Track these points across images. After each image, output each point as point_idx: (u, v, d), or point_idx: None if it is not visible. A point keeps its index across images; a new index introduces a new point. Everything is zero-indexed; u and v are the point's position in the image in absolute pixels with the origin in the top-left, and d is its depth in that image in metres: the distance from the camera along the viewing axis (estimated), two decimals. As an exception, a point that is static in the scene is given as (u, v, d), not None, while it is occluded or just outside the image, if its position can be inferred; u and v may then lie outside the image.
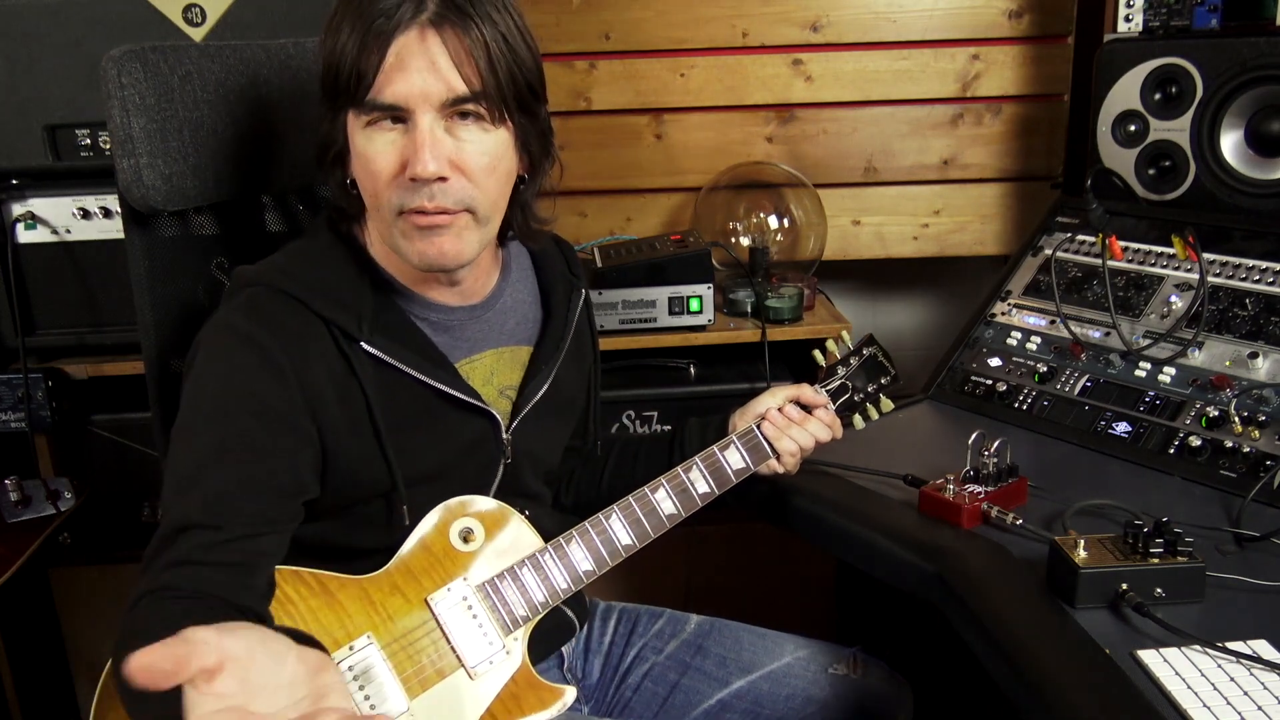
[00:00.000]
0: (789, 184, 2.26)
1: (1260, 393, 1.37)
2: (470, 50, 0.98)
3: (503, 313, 1.19)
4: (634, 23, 2.19)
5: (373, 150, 1.00)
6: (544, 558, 1.14)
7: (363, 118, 1.00)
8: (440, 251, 1.02)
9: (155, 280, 1.19)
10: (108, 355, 1.86)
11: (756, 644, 1.36)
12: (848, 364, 1.33)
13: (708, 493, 1.22)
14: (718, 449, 1.24)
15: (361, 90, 0.98)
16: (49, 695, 1.97)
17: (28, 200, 1.78)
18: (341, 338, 1.04)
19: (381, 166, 1.00)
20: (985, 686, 1.08)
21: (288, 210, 1.35)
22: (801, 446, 1.27)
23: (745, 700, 1.32)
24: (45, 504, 1.78)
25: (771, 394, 1.30)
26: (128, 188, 1.13)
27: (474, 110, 1.00)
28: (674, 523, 1.20)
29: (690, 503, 1.21)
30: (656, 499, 1.19)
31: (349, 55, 0.98)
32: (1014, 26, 2.21)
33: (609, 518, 1.17)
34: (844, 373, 1.32)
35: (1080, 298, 1.63)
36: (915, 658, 1.50)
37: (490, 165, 1.03)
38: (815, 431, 1.27)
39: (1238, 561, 1.13)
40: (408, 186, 0.99)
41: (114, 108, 1.10)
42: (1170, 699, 0.91)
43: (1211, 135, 1.67)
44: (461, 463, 1.13)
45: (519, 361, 1.20)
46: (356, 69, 0.97)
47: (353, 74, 0.98)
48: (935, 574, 1.16)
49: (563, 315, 1.23)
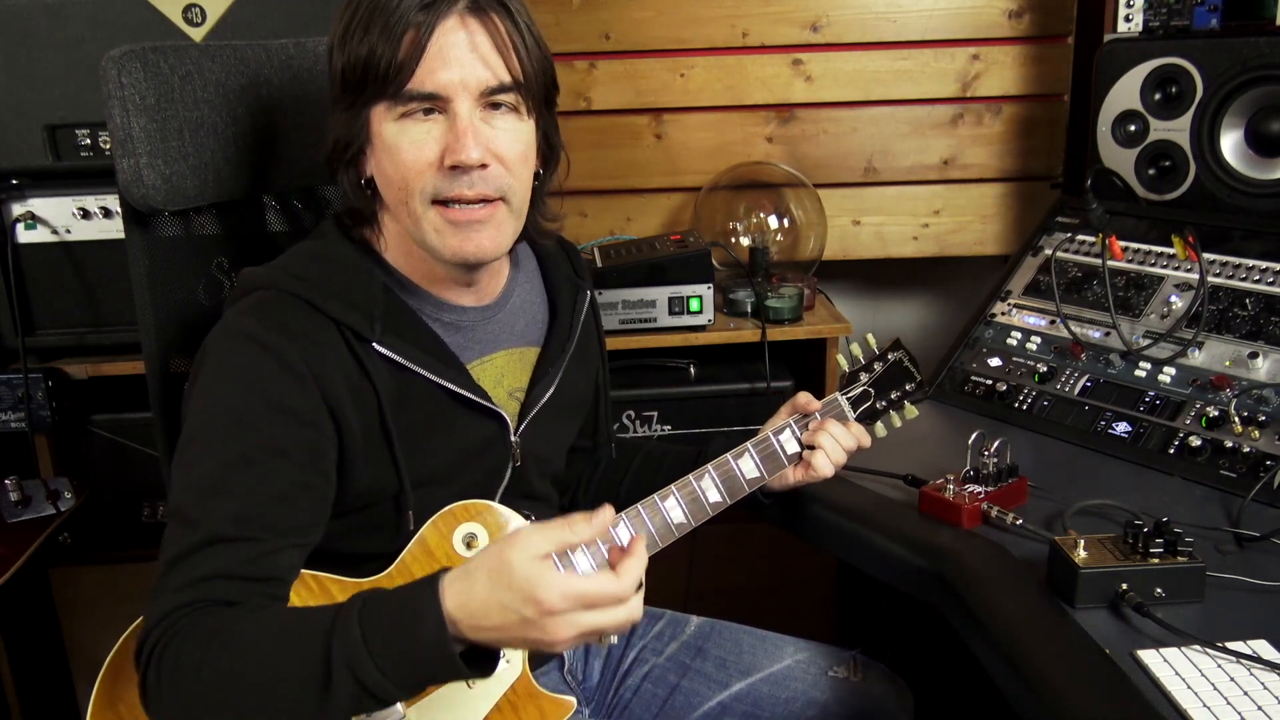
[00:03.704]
0: (789, 184, 2.26)
1: (1260, 393, 1.37)
2: (510, 39, 1.00)
3: (513, 313, 1.19)
4: (634, 23, 2.19)
5: (406, 141, 1.00)
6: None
7: (396, 109, 1.00)
8: (478, 247, 1.03)
9: (156, 280, 1.18)
10: (108, 355, 1.86)
11: (756, 646, 1.35)
12: (871, 369, 1.28)
13: (718, 502, 1.17)
14: (731, 456, 1.19)
15: (399, 81, 0.98)
16: (49, 695, 1.97)
17: (28, 200, 1.78)
18: (354, 339, 1.02)
19: (416, 157, 1.00)
20: (986, 688, 1.08)
21: (289, 210, 1.35)
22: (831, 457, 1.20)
23: (745, 703, 1.31)
24: (45, 504, 1.78)
25: (790, 403, 1.26)
26: (128, 188, 1.12)
27: (508, 100, 1.02)
28: (683, 532, 1.15)
29: (701, 512, 1.16)
30: (665, 506, 1.14)
31: (383, 47, 0.97)
32: (1014, 26, 2.21)
33: (615, 526, 1.11)
34: (866, 379, 1.28)
35: (1080, 298, 1.63)
36: (916, 660, 1.50)
37: (523, 154, 1.04)
38: (841, 441, 1.21)
39: (1238, 561, 1.13)
40: (446, 175, 1.00)
41: (114, 108, 1.10)
42: (1170, 699, 0.91)
43: (1211, 135, 1.67)
44: (470, 466, 1.12)
45: (527, 363, 1.20)
46: (395, 60, 0.97)
47: (390, 65, 0.97)
48: (935, 574, 1.16)
49: (568, 316, 1.23)
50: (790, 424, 1.22)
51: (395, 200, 1.04)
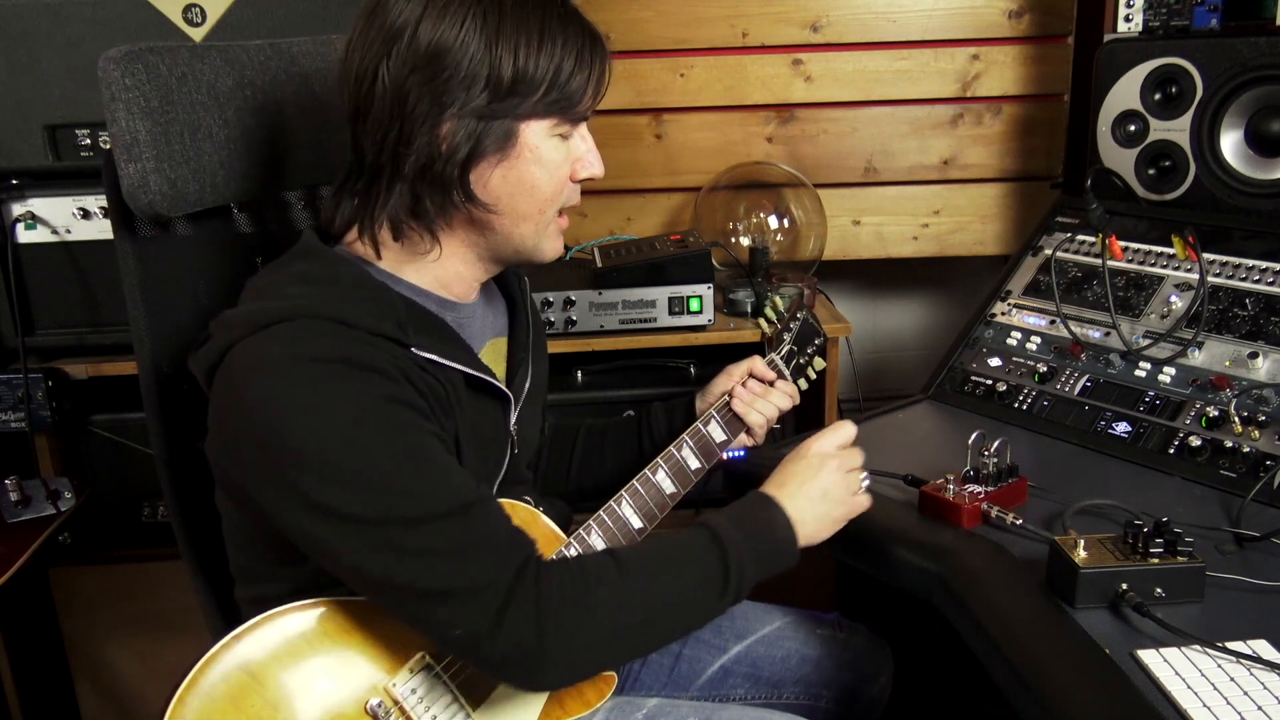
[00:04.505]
0: (789, 184, 2.26)
1: (1260, 393, 1.37)
2: None
3: (487, 306, 1.20)
4: (634, 23, 2.19)
5: (560, 157, 1.06)
6: (569, 552, 1.15)
7: (562, 127, 1.05)
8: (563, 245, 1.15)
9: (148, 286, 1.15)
10: (108, 355, 1.86)
11: (747, 612, 1.43)
12: (789, 329, 1.42)
13: (699, 468, 1.28)
14: (701, 424, 1.29)
15: (583, 105, 1.05)
16: (49, 695, 1.97)
17: (28, 200, 1.78)
18: (395, 349, 0.98)
19: (567, 172, 1.08)
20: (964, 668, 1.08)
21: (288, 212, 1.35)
22: (768, 417, 1.34)
23: (744, 664, 1.38)
24: (45, 504, 1.78)
25: (727, 374, 1.37)
26: (132, 194, 1.08)
27: None
28: (674, 502, 1.25)
29: (686, 480, 1.26)
30: (658, 480, 1.23)
31: (571, 68, 1.02)
32: (1014, 26, 2.21)
33: (620, 504, 1.19)
34: (789, 338, 1.42)
35: (1080, 298, 1.63)
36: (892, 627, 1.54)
37: None
38: (778, 402, 1.35)
39: (1238, 561, 1.13)
40: (573, 188, 1.10)
41: (118, 110, 1.06)
42: (1170, 699, 0.91)
43: (1211, 135, 1.67)
44: (483, 455, 1.13)
45: (501, 353, 1.22)
46: (585, 86, 1.04)
47: (579, 90, 1.03)
48: (935, 574, 1.16)
49: (524, 303, 1.26)
50: (714, 414, 1.32)
51: (530, 209, 1.06)
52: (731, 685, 1.38)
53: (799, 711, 1.28)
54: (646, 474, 1.22)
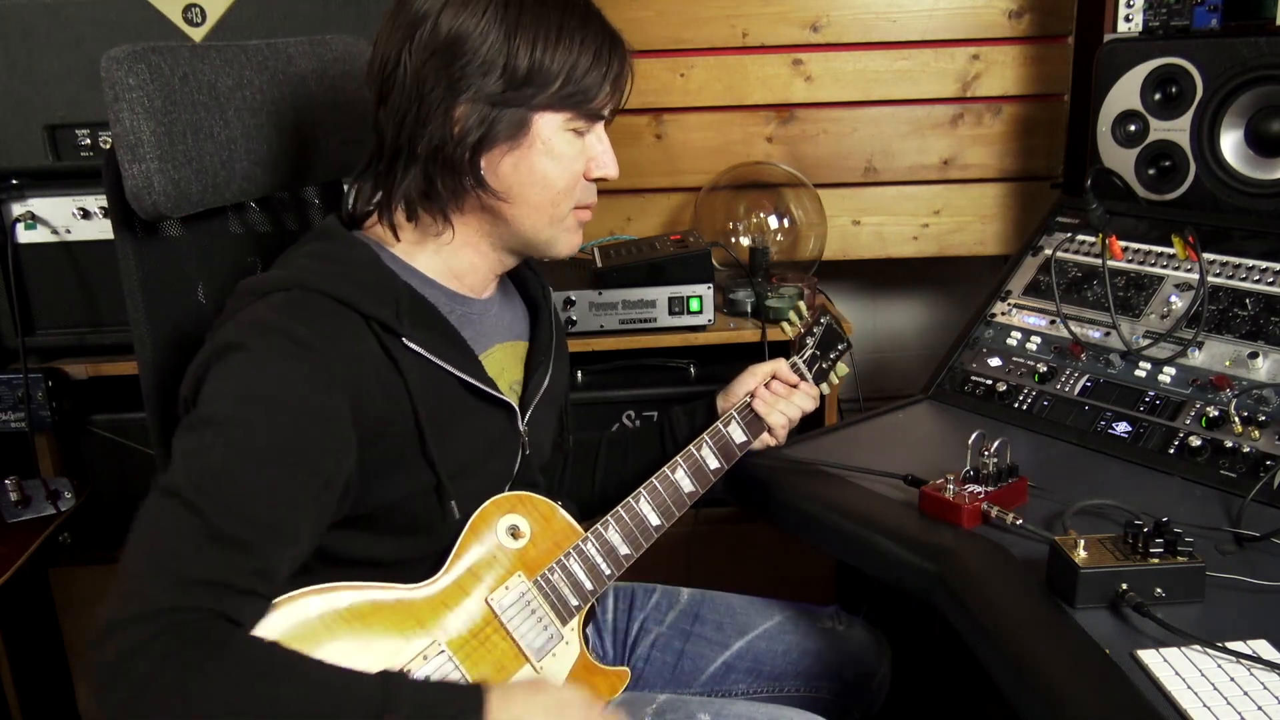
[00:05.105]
0: (789, 184, 2.26)
1: (1260, 393, 1.37)
2: None
3: (504, 307, 1.21)
4: (634, 23, 2.19)
5: (574, 152, 1.08)
6: (586, 546, 1.17)
7: (575, 122, 1.06)
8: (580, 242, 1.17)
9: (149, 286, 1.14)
10: (108, 355, 1.86)
11: (747, 608, 1.45)
12: (812, 334, 1.44)
13: (718, 468, 1.29)
14: (721, 424, 1.31)
15: (599, 102, 1.06)
16: (49, 695, 1.97)
17: (28, 200, 1.78)
18: (384, 334, 1.00)
19: (580, 168, 1.10)
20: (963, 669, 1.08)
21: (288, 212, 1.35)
22: (790, 418, 1.36)
23: (746, 659, 1.40)
24: (45, 504, 1.78)
25: (751, 373, 1.38)
26: (136, 194, 1.08)
27: None
28: (693, 500, 1.26)
29: (705, 479, 1.27)
30: (676, 478, 1.25)
31: (587, 65, 1.04)
32: (1014, 26, 2.21)
33: (638, 501, 1.22)
34: (811, 342, 1.43)
35: (1080, 298, 1.63)
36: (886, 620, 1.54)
37: None
38: (801, 403, 1.36)
39: (1238, 561, 1.13)
40: (586, 185, 1.11)
41: (122, 110, 1.06)
42: (1170, 699, 0.91)
43: (1211, 135, 1.67)
44: (487, 457, 1.13)
45: (519, 357, 1.22)
46: (601, 83, 1.06)
47: (595, 86, 1.05)
48: (935, 574, 1.16)
49: (548, 310, 1.26)
50: (735, 415, 1.33)
51: (541, 201, 1.08)
52: (734, 680, 1.39)
53: (800, 705, 1.29)
54: (665, 472, 1.25)
